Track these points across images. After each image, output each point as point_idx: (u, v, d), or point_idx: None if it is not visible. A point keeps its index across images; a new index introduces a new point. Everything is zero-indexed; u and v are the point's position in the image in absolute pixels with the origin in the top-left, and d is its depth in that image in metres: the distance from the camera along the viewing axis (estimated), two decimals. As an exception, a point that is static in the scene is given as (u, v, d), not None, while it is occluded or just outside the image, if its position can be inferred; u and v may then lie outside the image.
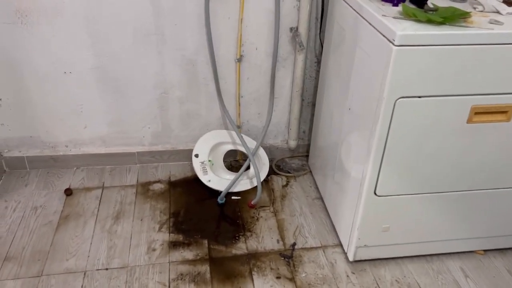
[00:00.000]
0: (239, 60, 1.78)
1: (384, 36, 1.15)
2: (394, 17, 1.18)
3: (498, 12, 1.25)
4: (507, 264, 1.55)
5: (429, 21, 1.14)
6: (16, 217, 1.67)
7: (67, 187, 1.82)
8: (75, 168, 1.94)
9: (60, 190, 1.81)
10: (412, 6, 1.24)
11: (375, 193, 1.35)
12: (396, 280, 1.48)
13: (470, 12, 1.20)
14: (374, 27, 1.20)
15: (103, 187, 1.84)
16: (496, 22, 1.17)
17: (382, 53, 1.15)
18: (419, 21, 1.16)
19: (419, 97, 1.19)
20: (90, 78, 1.74)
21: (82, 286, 1.41)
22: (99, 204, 1.75)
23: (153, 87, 1.81)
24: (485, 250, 1.59)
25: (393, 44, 1.10)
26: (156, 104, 1.85)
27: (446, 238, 1.52)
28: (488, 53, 1.14)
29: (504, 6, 1.26)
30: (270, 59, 1.81)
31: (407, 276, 1.50)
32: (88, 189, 1.83)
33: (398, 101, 1.18)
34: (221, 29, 1.71)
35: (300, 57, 1.78)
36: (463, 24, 1.16)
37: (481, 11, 1.26)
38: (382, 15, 1.18)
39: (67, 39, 1.65)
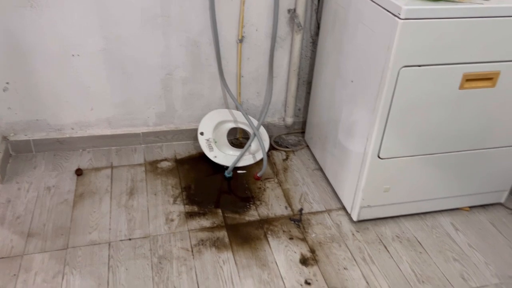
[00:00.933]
0: (241, 41, 1.88)
1: (388, 11, 1.28)
2: (396, -5, 1.32)
3: (483, -10, 1.42)
4: (490, 218, 1.75)
5: (428, -2, 1.29)
6: (31, 197, 1.71)
7: (77, 167, 1.87)
8: (81, 150, 1.99)
9: (70, 171, 1.86)
10: (409, -15, 1.38)
11: (378, 156, 1.50)
12: (397, 236, 1.64)
13: (461, -11, 1.36)
14: (378, 4, 1.34)
15: (112, 167, 1.90)
16: (484, -2, 1.33)
17: (387, 27, 1.29)
18: (418, -2, 1.30)
19: (419, 66, 1.34)
20: (98, 60, 1.80)
21: (109, 255, 1.48)
22: (111, 182, 1.81)
23: (159, 69, 1.88)
24: (470, 207, 1.78)
25: (398, 18, 1.24)
26: (161, 85, 1.93)
27: (438, 196, 1.69)
28: (478, 25, 1.30)
29: (488, -15, 1.43)
30: (269, 39, 1.92)
31: (405, 232, 1.66)
32: (98, 169, 1.88)
33: (401, 69, 1.32)
34: (224, 11, 1.80)
35: (298, 37, 1.90)
36: (456, 0, 1.31)
37: (469, -11, 1.42)
38: (386, -7, 1.32)
39: (76, 22, 1.69)
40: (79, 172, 1.84)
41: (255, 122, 2.02)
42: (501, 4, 1.30)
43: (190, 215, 1.67)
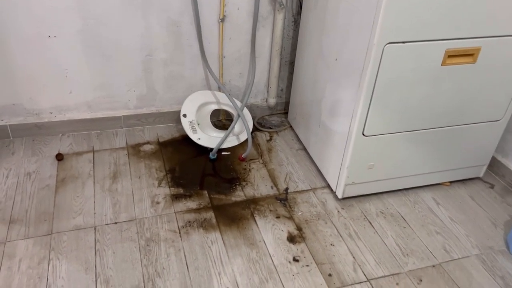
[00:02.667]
0: (222, 20, 1.85)
1: (373, -13, 1.28)
2: (380, -29, 1.31)
3: (463, -34, 1.43)
4: (470, 192, 1.80)
5: (411, -26, 1.29)
6: (11, 183, 1.66)
7: (57, 152, 1.83)
8: (60, 134, 1.94)
9: (50, 156, 1.81)
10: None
11: (363, 134, 1.52)
12: (381, 211, 1.67)
13: (443, -35, 1.37)
14: (362, -20, 1.33)
15: (93, 151, 1.87)
16: (465, -25, 1.35)
17: (371, 3, 1.29)
18: (402, -27, 1.30)
19: (403, 42, 1.35)
20: (75, 41, 1.74)
21: (95, 239, 1.46)
22: (93, 167, 1.78)
23: (139, 50, 1.84)
24: (451, 182, 1.83)
25: (383, -7, 1.24)
26: (141, 67, 1.89)
27: (419, 172, 1.73)
28: (460, 2, 1.31)
29: (468, -39, 1.44)
30: (251, 18, 1.89)
31: (389, 207, 1.69)
32: (79, 154, 1.84)
33: (386, 46, 1.33)
34: (205, -11, 1.77)
35: (280, 16, 1.89)
36: (439, -24, 1.32)
37: (450, -34, 1.43)
38: (369, -31, 1.32)
39: (51, 2, 1.63)
40: (59, 157, 1.80)
41: (239, 104, 2.01)
42: (482, -20, 1.32)
43: (176, 197, 1.66)
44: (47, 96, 1.85)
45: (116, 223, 1.53)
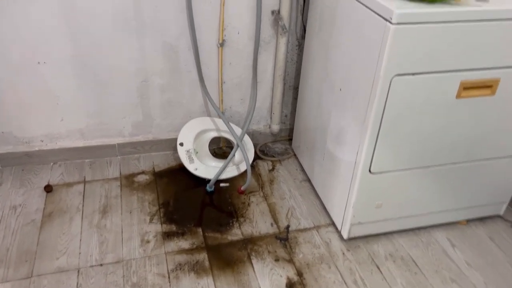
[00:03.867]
0: (222, 44, 1.75)
1: (379, 15, 1.16)
2: (387, -4, 1.20)
3: (481, -10, 1.30)
4: (488, 232, 1.65)
5: (421, 0, 1.17)
6: (-6, 218, 1.57)
7: (46, 183, 1.74)
8: (51, 163, 1.85)
9: (38, 187, 1.72)
10: (401, -15, 1.26)
11: (369, 171, 1.39)
12: (390, 254, 1.53)
13: (458, -10, 1.24)
14: (367, 7, 1.22)
15: (84, 182, 1.77)
16: (483, 0, 1.22)
17: (378, 32, 1.17)
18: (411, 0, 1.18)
19: (413, 74, 1.22)
20: (67, 67, 1.66)
21: (77, 284, 1.35)
22: (83, 199, 1.68)
23: (134, 76, 1.74)
24: (467, 220, 1.68)
25: (390, 22, 1.12)
26: (137, 93, 1.79)
27: (432, 210, 1.58)
28: (477, 29, 1.19)
29: (486, -16, 1.31)
30: (252, 43, 1.79)
31: (399, 249, 1.55)
32: (69, 185, 1.75)
33: (394, 79, 1.21)
34: (203, 13, 1.67)
35: (283, 41, 1.78)
36: (452, 2, 1.19)
37: (465, -11, 1.31)
38: (376, -5, 1.20)
39: (41, 26, 1.55)
40: (48, 189, 1.71)
41: (239, 131, 1.89)
42: (502, 6, 1.19)
43: (167, 236, 1.54)
44: (38, 123, 1.76)
45: (101, 265, 1.42)
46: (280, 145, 2.08)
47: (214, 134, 1.92)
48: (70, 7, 1.54)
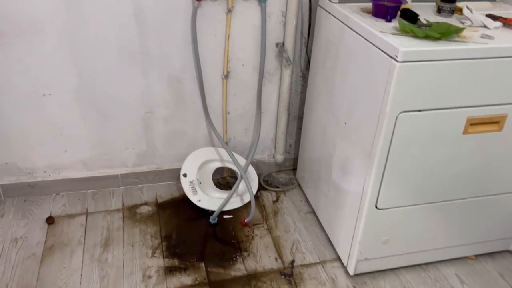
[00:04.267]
0: (226, 76, 1.76)
1: (385, 52, 1.16)
2: (392, 33, 1.20)
3: (485, 26, 1.30)
4: (498, 268, 1.60)
5: (427, 37, 1.17)
6: (-5, 251, 1.55)
7: (48, 215, 1.72)
8: (54, 194, 1.84)
9: (40, 219, 1.70)
10: (406, 22, 1.26)
11: (376, 207, 1.36)
12: (397, 291, 1.49)
13: (463, 27, 1.24)
14: (373, 44, 1.22)
15: (87, 213, 1.75)
16: (487, 37, 1.22)
17: (383, 69, 1.17)
18: (416, 36, 1.18)
19: (419, 110, 1.21)
20: (71, 99, 1.66)
21: (76, 322, 1.32)
22: (85, 232, 1.66)
23: (138, 107, 1.75)
24: (476, 255, 1.64)
25: (395, 60, 1.12)
26: (141, 124, 1.79)
27: (440, 246, 1.55)
28: (483, 66, 1.18)
29: (490, 20, 1.32)
30: (257, 74, 1.79)
31: (407, 286, 1.51)
32: (71, 216, 1.73)
33: (399, 115, 1.20)
34: (208, 46, 1.68)
35: (287, 72, 1.78)
36: (458, 39, 1.19)
37: (470, 25, 1.31)
38: (380, 32, 1.20)
39: (47, 60, 1.56)
40: (50, 221, 1.69)
41: (243, 161, 1.88)
42: (506, 44, 1.18)
43: (169, 270, 1.51)
44: (42, 154, 1.76)
45: (102, 301, 1.39)
46: (284, 175, 2.06)
47: (218, 164, 1.91)
48: (75, 40, 1.55)
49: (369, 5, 1.37)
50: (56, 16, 1.49)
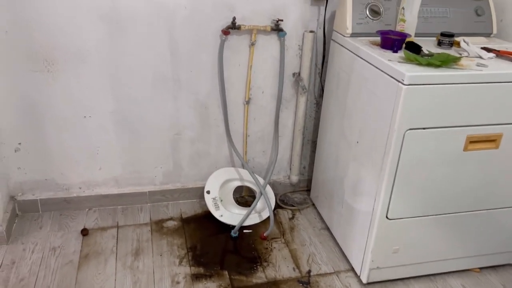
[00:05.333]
0: (247, 102, 1.94)
1: (393, 77, 1.34)
2: (398, 62, 1.38)
3: (480, 57, 1.49)
4: (502, 280, 1.71)
5: (429, 65, 1.35)
6: (35, 258, 1.69)
7: (82, 227, 1.86)
8: (87, 209, 1.99)
9: (75, 231, 1.85)
10: (410, 52, 1.45)
11: (387, 217, 1.50)
12: (408, 299, 1.60)
13: (460, 57, 1.43)
14: (382, 70, 1.40)
15: (117, 226, 1.89)
16: (482, 65, 1.40)
17: (392, 92, 1.34)
18: (420, 64, 1.36)
19: (424, 128, 1.37)
20: (109, 121, 1.84)
21: (113, 320, 1.44)
22: (117, 243, 1.80)
23: (168, 129, 1.92)
24: (480, 268, 1.75)
25: (402, 83, 1.30)
26: (169, 145, 1.96)
27: (447, 257, 1.67)
28: (478, 90, 1.35)
29: (485, 52, 1.50)
30: (275, 101, 1.98)
31: (416, 294, 1.62)
32: (103, 229, 1.87)
33: (406, 132, 1.36)
34: (232, 75, 1.87)
35: (302, 99, 1.97)
36: (456, 66, 1.37)
37: (467, 56, 1.50)
38: (388, 60, 1.39)
39: (89, 85, 1.76)
40: (84, 232, 1.83)
41: (261, 181, 2.03)
42: (499, 71, 1.36)
43: (196, 277, 1.64)
44: (78, 172, 1.92)
45: (135, 303, 1.51)
46: (299, 195, 2.21)
47: (238, 183, 2.06)
48: (115, 67, 1.74)
49: (378, 38, 1.56)
50: (100, 46, 1.70)
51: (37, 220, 1.90)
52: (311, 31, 1.84)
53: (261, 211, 2.00)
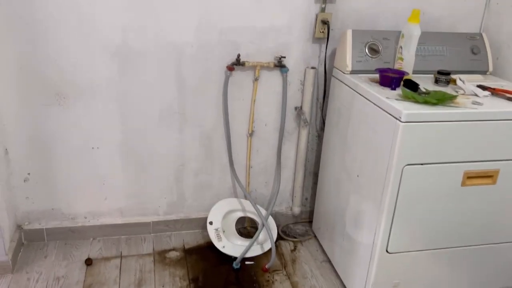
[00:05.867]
0: (251, 134, 1.99)
1: (390, 114, 1.39)
2: (396, 99, 1.43)
3: (476, 95, 1.54)
4: (504, 315, 1.71)
5: (426, 102, 1.40)
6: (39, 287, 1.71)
7: (87, 257, 1.89)
8: (91, 239, 2.01)
9: (79, 261, 1.87)
10: (407, 90, 1.50)
11: (387, 251, 1.52)
12: (409, 334, 1.59)
13: (456, 95, 1.48)
14: (380, 107, 1.45)
15: (121, 257, 1.91)
16: (477, 103, 1.45)
17: (390, 129, 1.39)
18: (417, 102, 1.41)
19: (422, 164, 1.41)
20: (116, 152, 1.90)
21: None
22: (120, 273, 1.81)
23: (173, 161, 1.97)
24: (483, 303, 1.75)
25: (399, 121, 1.34)
26: (174, 176, 2.00)
27: (448, 292, 1.68)
28: (474, 128, 1.40)
29: (480, 90, 1.55)
30: (277, 133, 2.03)
31: (418, 329, 1.62)
32: (107, 259, 1.89)
33: (405, 168, 1.40)
34: (236, 108, 1.93)
35: (304, 132, 2.01)
36: (452, 104, 1.42)
37: (463, 94, 1.55)
38: (386, 97, 1.44)
39: (98, 117, 1.82)
40: (88, 262, 1.85)
41: (263, 211, 2.06)
42: (493, 109, 1.41)
43: (198, 309, 1.65)
44: (84, 201, 1.96)
45: (137, 335, 1.52)
46: (301, 227, 2.22)
47: (240, 214, 2.09)
48: (124, 101, 1.81)
49: (377, 75, 1.62)
50: (110, 81, 1.77)
51: (42, 249, 1.93)
52: (312, 68, 1.91)
53: (263, 242, 2.02)
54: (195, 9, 1.73)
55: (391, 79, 1.55)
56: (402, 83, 1.57)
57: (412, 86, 1.53)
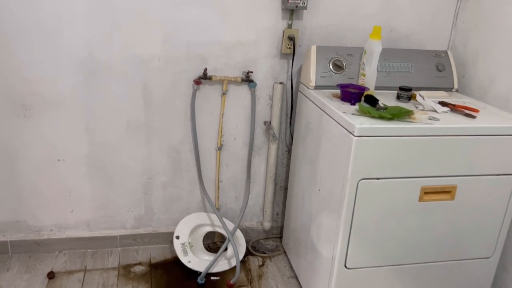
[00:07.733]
0: (219, 148, 1.99)
1: (345, 129, 1.39)
2: (352, 114, 1.44)
3: (435, 110, 1.55)
4: (469, 334, 1.68)
5: (381, 117, 1.41)
6: (-3, 301, 1.68)
7: (50, 270, 1.86)
8: (57, 252, 1.99)
9: (42, 274, 1.84)
10: (366, 105, 1.51)
11: (345, 266, 1.51)
12: None
13: (413, 110, 1.49)
14: (337, 122, 1.45)
15: (85, 270, 1.89)
16: (434, 119, 1.45)
17: (345, 142, 1.39)
18: (373, 117, 1.42)
19: (377, 178, 1.41)
20: (82, 165, 1.89)
21: None
22: (82, 287, 1.79)
23: (140, 174, 1.96)
24: (447, 321, 1.73)
25: (353, 135, 1.35)
26: (141, 189, 2.00)
27: (411, 309, 1.65)
28: (429, 143, 1.40)
29: (440, 106, 1.56)
30: (247, 148, 2.03)
31: None
32: (71, 272, 1.87)
33: (360, 182, 1.39)
34: (204, 122, 1.94)
35: (273, 147, 2.02)
36: (408, 119, 1.43)
37: (422, 109, 1.56)
38: (343, 112, 1.45)
39: (64, 129, 1.82)
40: (51, 276, 1.83)
41: (230, 226, 2.04)
42: (449, 125, 1.41)
43: (156, 325, 1.62)
44: (50, 214, 1.95)
45: None
46: (271, 242, 2.21)
47: (209, 229, 2.07)
48: (90, 113, 1.81)
49: (339, 91, 1.64)
50: (76, 93, 1.78)
51: (5, 262, 1.91)
52: (280, 83, 1.92)
53: (231, 257, 2.00)
54: (162, 22, 1.75)
55: (350, 94, 1.56)
56: (363, 98, 1.58)
57: (372, 101, 1.54)
